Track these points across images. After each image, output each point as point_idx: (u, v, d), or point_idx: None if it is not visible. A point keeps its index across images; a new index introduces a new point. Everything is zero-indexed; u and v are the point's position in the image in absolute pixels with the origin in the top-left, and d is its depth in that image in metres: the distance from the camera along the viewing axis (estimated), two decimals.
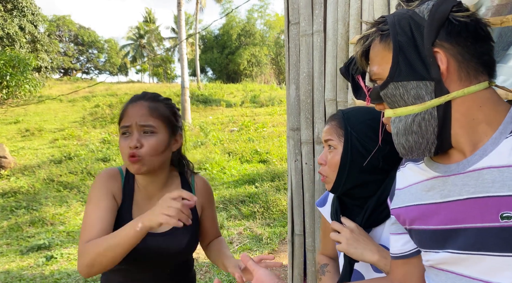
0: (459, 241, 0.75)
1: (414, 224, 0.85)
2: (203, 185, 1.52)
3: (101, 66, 48.44)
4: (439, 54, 0.74)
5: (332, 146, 1.18)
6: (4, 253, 5.37)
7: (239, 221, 6.41)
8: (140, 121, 1.30)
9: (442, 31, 0.73)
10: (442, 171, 0.80)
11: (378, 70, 0.81)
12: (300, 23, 2.22)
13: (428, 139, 0.77)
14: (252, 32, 33.51)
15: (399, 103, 0.79)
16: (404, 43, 0.76)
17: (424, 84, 0.75)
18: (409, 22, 0.76)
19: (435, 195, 0.80)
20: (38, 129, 15.60)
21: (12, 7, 19.42)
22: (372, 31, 0.83)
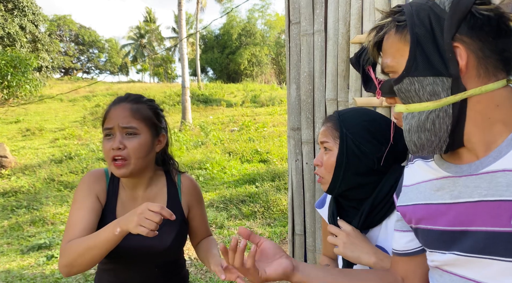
0: (467, 243, 0.73)
1: (421, 224, 0.84)
2: (189, 184, 1.52)
3: (102, 66, 48.49)
4: (459, 49, 0.70)
5: (328, 148, 1.18)
6: (5, 253, 5.37)
7: (239, 220, 6.40)
8: (123, 123, 1.31)
9: (464, 24, 0.69)
10: (453, 171, 0.77)
11: (391, 63, 0.78)
12: (301, 23, 2.22)
13: (440, 137, 0.74)
14: (252, 32, 33.50)
15: (413, 98, 0.75)
16: (422, 36, 0.72)
17: (441, 80, 0.71)
18: (429, 13, 0.72)
19: (445, 195, 0.78)
20: (39, 128, 15.61)
21: (13, 6, 19.43)
22: (387, 21, 0.79)
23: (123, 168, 1.30)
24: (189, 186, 1.51)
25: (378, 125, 1.16)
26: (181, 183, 1.50)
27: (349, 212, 1.23)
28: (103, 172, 1.42)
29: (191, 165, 10.05)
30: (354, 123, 1.16)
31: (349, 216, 1.22)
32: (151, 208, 1.10)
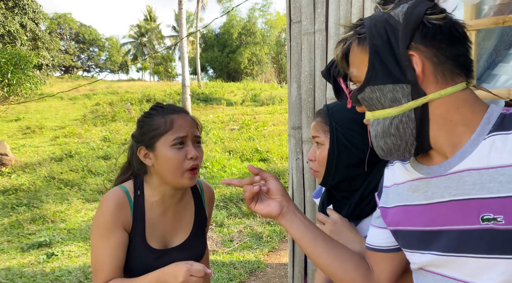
0: (443, 243, 0.76)
1: (400, 225, 0.86)
2: (211, 194, 1.54)
3: (102, 64, 48.46)
4: (414, 57, 0.74)
5: (320, 143, 1.20)
6: (5, 250, 5.38)
7: (239, 219, 6.41)
8: (194, 131, 1.32)
9: (417, 34, 0.73)
10: (425, 172, 0.80)
11: (357, 73, 0.82)
12: (302, 22, 2.22)
13: (407, 141, 0.77)
14: (253, 31, 33.47)
15: (376, 106, 0.79)
16: (380, 47, 0.76)
17: (401, 87, 0.75)
18: (385, 25, 0.76)
19: (420, 196, 0.81)
20: (39, 126, 15.62)
21: (13, 4, 19.42)
22: (350, 34, 0.82)
23: (196, 176, 1.31)
24: (210, 196, 1.54)
25: None
26: (203, 190, 1.50)
27: (341, 202, 1.26)
28: (124, 195, 1.32)
29: None
30: (342, 116, 1.18)
31: (340, 207, 1.25)
32: (194, 274, 1.13)
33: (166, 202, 1.36)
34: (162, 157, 1.27)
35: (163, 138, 1.27)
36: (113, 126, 15.38)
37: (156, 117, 1.31)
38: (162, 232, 1.34)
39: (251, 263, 4.60)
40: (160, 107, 1.36)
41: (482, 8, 1.62)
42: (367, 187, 1.16)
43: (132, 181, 1.36)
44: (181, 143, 1.28)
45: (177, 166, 1.26)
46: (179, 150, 1.27)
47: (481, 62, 1.69)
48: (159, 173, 1.30)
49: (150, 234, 1.32)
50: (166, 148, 1.26)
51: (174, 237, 1.36)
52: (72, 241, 5.67)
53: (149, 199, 1.34)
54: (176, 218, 1.38)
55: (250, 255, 4.87)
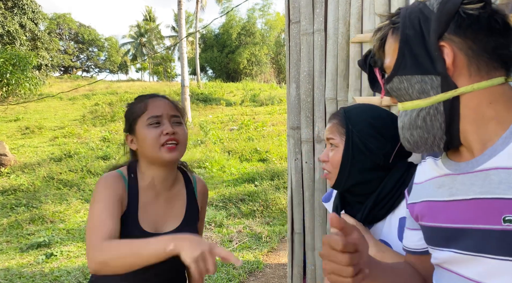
0: (463, 241, 0.74)
1: (423, 220, 0.85)
2: (203, 187, 1.57)
3: (101, 64, 48.41)
4: (445, 47, 0.72)
5: (334, 145, 1.19)
6: (4, 251, 5.38)
7: (238, 219, 6.41)
8: (170, 111, 1.37)
9: (452, 24, 0.71)
10: (453, 169, 0.79)
11: (389, 63, 0.81)
12: (301, 22, 2.23)
13: (434, 134, 0.76)
14: (252, 31, 33.47)
15: (404, 97, 0.78)
16: (411, 36, 0.75)
17: (430, 79, 0.73)
18: (418, 15, 0.75)
19: (444, 193, 0.79)
20: (38, 127, 15.60)
21: (13, 4, 19.40)
22: (385, 23, 0.82)
23: (176, 151, 1.34)
24: (203, 189, 1.57)
25: (384, 121, 1.17)
26: (196, 184, 1.54)
27: (354, 206, 1.25)
28: (120, 175, 1.35)
29: (190, 164, 10.05)
30: (360, 119, 1.17)
31: (353, 210, 1.24)
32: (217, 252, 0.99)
33: (157, 187, 1.40)
34: (140, 137, 1.34)
35: (140, 120, 1.35)
36: (113, 126, 15.38)
37: (134, 104, 1.40)
38: (154, 217, 1.37)
39: (250, 263, 4.60)
40: (140, 97, 1.44)
41: None
42: (381, 191, 1.15)
43: (126, 166, 1.42)
44: (157, 122, 1.34)
45: (153, 142, 1.31)
46: (155, 128, 1.33)
47: None
48: (142, 154, 1.37)
49: (143, 216, 1.34)
50: (144, 128, 1.33)
51: (165, 223, 1.38)
52: (71, 242, 5.67)
53: (141, 182, 1.39)
54: (168, 205, 1.41)
55: (249, 255, 4.87)
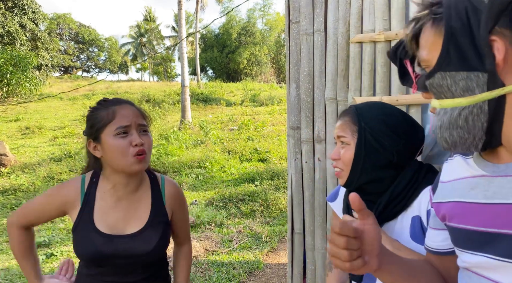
0: (500, 247, 0.70)
1: (452, 221, 0.81)
2: (173, 188, 1.53)
3: (102, 65, 48.42)
4: (496, 42, 0.66)
5: (345, 142, 1.18)
6: (4, 251, 5.38)
7: (238, 219, 6.42)
8: (138, 120, 1.36)
9: (504, 17, 0.65)
10: (490, 170, 0.74)
11: (427, 57, 0.75)
12: (301, 22, 2.23)
13: (475, 134, 0.71)
14: (252, 31, 33.47)
15: (446, 94, 0.73)
16: (457, 29, 0.69)
17: (476, 76, 0.68)
18: (466, 5, 0.69)
19: (479, 195, 0.75)
20: (39, 127, 15.61)
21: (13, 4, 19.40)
22: (424, 13, 0.76)
23: (144, 161, 1.35)
24: (173, 190, 1.52)
25: (397, 118, 1.16)
26: (164, 186, 1.51)
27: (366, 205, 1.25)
28: (78, 183, 1.44)
29: (190, 164, 10.06)
30: (372, 117, 1.16)
31: None
32: None
33: (119, 191, 1.41)
34: (107, 147, 1.33)
35: (106, 129, 1.33)
36: None
37: (100, 110, 1.37)
38: (114, 219, 1.38)
39: (250, 263, 4.60)
40: (105, 101, 1.42)
41: None
42: (394, 190, 1.14)
43: (93, 171, 1.46)
44: (125, 132, 1.33)
45: (122, 154, 1.31)
46: (123, 138, 1.32)
47: None
48: (108, 162, 1.36)
49: (99, 219, 1.37)
50: (110, 138, 1.32)
51: (127, 225, 1.39)
52: (71, 242, 5.66)
53: (102, 187, 1.42)
54: (130, 208, 1.41)
55: (249, 255, 4.87)
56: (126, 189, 1.42)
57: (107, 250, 1.32)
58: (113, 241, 1.33)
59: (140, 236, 1.37)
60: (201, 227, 5.98)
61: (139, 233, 1.37)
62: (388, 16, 1.95)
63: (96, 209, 1.39)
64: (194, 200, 7.37)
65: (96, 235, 1.34)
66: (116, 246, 1.33)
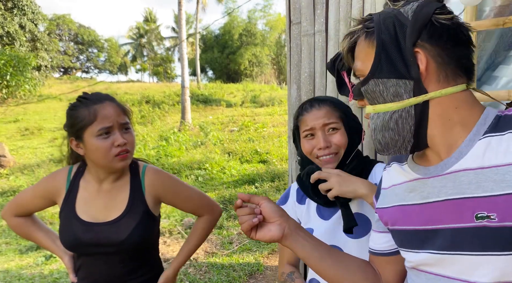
0: (438, 241, 0.77)
1: (396, 225, 0.88)
2: (153, 176, 1.51)
3: (101, 65, 48.41)
4: (419, 54, 0.75)
5: (336, 128, 1.29)
6: (3, 252, 5.36)
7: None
8: (119, 119, 1.38)
9: (424, 32, 0.75)
10: (422, 173, 0.82)
11: (361, 67, 0.83)
12: (302, 23, 2.22)
13: (404, 136, 0.79)
14: (253, 32, 33.48)
15: (378, 99, 0.81)
16: (387, 41, 0.78)
17: (404, 83, 0.77)
18: (394, 21, 0.78)
19: (416, 196, 0.83)
20: (38, 128, 15.59)
21: (13, 5, 19.41)
22: (358, 27, 0.84)
23: (127, 159, 1.39)
24: (152, 177, 1.51)
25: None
26: (145, 175, 1.51)
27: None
28: (65, 173, 1.51)
29: (190, 165, 10.05)
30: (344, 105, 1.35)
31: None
32: None
33: (101, 182, 1.46)
34: (90, 147, 1.36)
35: (88, 130, 1.35)
36: None
37: (80, 108, 1.38)
38: (94, 208, 1.44)
39: (250, 265, 4.58)
40: (85, 98, 1.41)
41: (483, 9, 1.61)
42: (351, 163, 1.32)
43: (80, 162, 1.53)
44: (107, 132, 1.35)
45: (105, 154, 1.35)
46: (106, 139, 1.35)
47: (481, 63, 1.68)
48: (91, 160, 1.41)
49: (81, 208, 1.43)
50: (93, 139, 1.35)
51: (106, 214, 1.43)
52: None
53: (86, 178, 1.48)
54: (109, 197, 1.45)
55: (249, 258, 4.86)
56: (107, 181, 1.46)
57: (86, 237, 1.38)
58: (92, 229, 1.39)
59: (116, 224, 1.40)
60: None
61: (116, 221, 1.41)
62: None
63: (78, 198, 1.45)
64: None
65: (76, 223, 1.40)
66: (94, 234, 1.38)
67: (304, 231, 0.99)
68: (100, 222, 1.40)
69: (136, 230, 1.41)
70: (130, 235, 1.39)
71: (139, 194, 1.47)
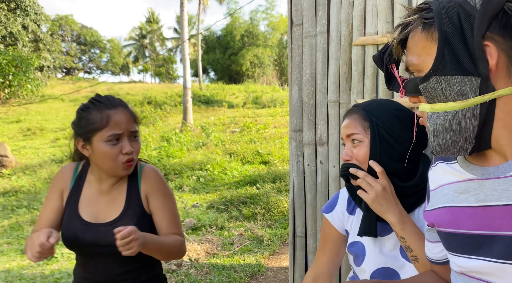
0: (497, 249, 0.70)
1: (443, 227, 0.82)
2: (149, 173, 1.49)
3: (103, 66, 48.53)
4: (489, 47, 0.67)
5: (358, 140, 1.16)
6: (5, 252, 5.37)
7: (240, 222, 6.39)
8: (130, 127, 1.38)
9: (495, 22, 0.67)
10: (479, 173, 0.75)
11: (417, 61, 0.76)
12: (304, 24, 2.22)
13: (466, 138, 0.72)
14: (255, 33, 33.51)
15: (439, 98, 0.73)
16: (450, 34, 0.70)
17: (469, 80, 0.69)
18: (458, 10, 0.70)
19: (470, 198, 0.75)
20: (40, 128, 15.62)
21: (15, 6, 19.47)
22: (414, 18, 0.76)
23: (131, 167, 1.41)
24: (148, 175, 1.49)
25: (405, 112, 1.17)
26: (142, 173, 1.50)
27: None
28: (72, 170, 1.50)
29: (191, 166, 10.05)
30: (382, 111, 1.16)
31: None
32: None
33: (102, 184, 1.46)
34: (97, 151, 1.36)
35: (99, 134, 1.34)
36: None
37: (93, 111, 1.37)
38: (95, 209, 1.44)
39: (251, 266, 4.57)
40: (98, 101, 1.40)
41: None
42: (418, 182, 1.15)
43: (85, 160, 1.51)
44: (117, 139, 1.35)
45: (111, 161, 1.35)
46: (114, 146, 1.35)
47: None
48: (96, 163, 1.41)
49: (83, 207, 1.43)
50: (102, 144, 1.35)
51: (106, 215, 1.43)
52: None
53: (89, 178, 1.48)
54: (109, 198, 1.46)
55: (250, 259, 4.85)
56: (108, 182, 1.46)
57: (85, 237, 1.37)
58: (92, 229, 1.39)
59: (114, 225, 1.38)
60: (202, 230, 5.95)
61: (114, 222, 1.41)
62: (391, 18, 1.94)
63: (82, 197, 1.45)
64: (196, 203, 7.35)
65: (77, 222, 1.40)
66: (94, 234, 1.38)
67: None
68: (99, 223, 1.41)
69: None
70: None
71: (135, 194, 1.47)
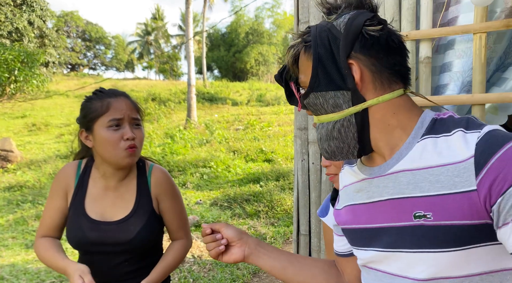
0: (383, 239, 0.81)
1: (347, 224, 0.92)
2: (159, 176, 1.50)
3: (108, 62, 48.62)
4: (353, 65, 0.78)
5: None
6: (10, 247, 5.40)
7: (243, 220, 6.41)
8: (131, 114, 1.38)
9: (357, 44, 0.78)
10: (368, 173, 0.86)
11: (304, 79, 0.86)
12: (310, 22, 2.21)
13: (349, 143, 0.82)
14: (260, 31, 33.46)
15: (320, 111, 0.84)
16: (323, 55, 0.81)
17: (342, 94, 0.80)
18: (328, 34, 0.81)
19: (363, 196, 0.87)
20: (45, 124, 15.69)
21: (22, 2, 19.54)
22: (298, 41, 0.86)
23: (134, 155, 1.38)
24: (159, 177, 1.50)
25: None
26: (151, 174, 1.50)
27: None
28: (75, 168, 1.48)
29: (195, 163, 10.07)
30: None
31: None
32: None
33: (108, 180, 1.44)
34: (99, 138, 1.35)
35: (99, 120, 1.35)
36: None
37: (95, 100, 1.38)
38: (102, 206, 1.42)
39: None
40: (100, 92, 1.42)
41: (494, 10, 1.60)
42: None
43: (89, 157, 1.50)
44: (117, 125, 1.35)
45: (113, 147, 1.34)
46: (115, 131, 1.34)
47: (491, 65, 1.67)
48: (99, 153, 1.39)
49: (89, 205, 1.41)
50: (103, 130, 1.34)
51: (114, 213, 1.42)
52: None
53: (94, 174, 1.46)
54: (117, 196, 1.44)
55: None
56: (114, 178, 1.44)
57: (93, 236, 1.36)
58: (99, 227, 1.37)
59: (124, 224, 1.39)
60: None
61: (123, 220, 1.40)
62: (398, 17, 1.93)
63: (88, 195, 1.43)
64: (199, 200, 7.37)
65: (84, 220, 1.39)
66: (102, 233, 1.37)
67: (264, 246, 1.07)
68: (108, 221, 1.39)
69: (144, 230, 1.40)
70: (138, 235, 1.39)
71: (146, 193, 1.47)
